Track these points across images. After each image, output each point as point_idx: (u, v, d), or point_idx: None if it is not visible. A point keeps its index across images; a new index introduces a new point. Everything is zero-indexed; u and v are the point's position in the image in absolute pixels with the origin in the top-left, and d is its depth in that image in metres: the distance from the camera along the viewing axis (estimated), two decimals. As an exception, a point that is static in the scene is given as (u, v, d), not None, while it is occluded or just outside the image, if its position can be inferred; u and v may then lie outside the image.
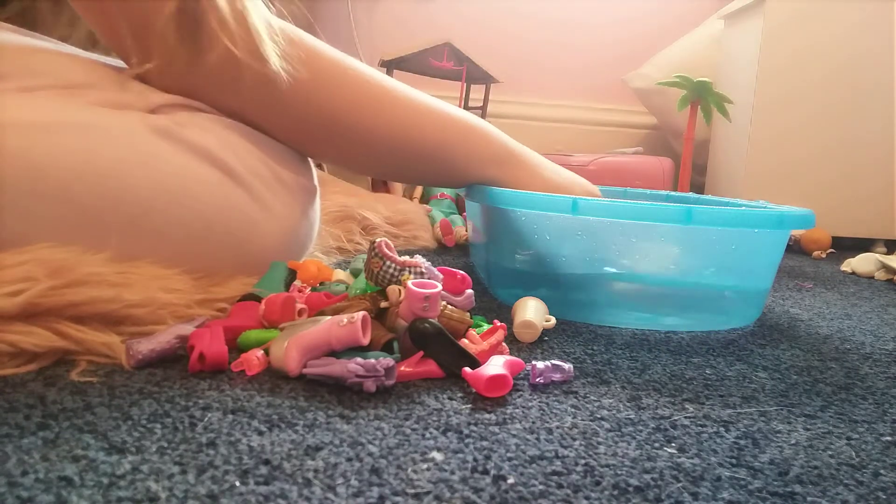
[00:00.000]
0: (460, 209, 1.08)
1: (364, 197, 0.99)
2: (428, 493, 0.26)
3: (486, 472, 0.28)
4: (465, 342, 0.41)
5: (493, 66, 1.45)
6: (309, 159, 0.58)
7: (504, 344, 0.44)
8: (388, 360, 0.36)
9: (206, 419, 0.31)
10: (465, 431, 0.32)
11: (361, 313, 0.38)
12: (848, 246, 1.29)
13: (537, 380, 0.39)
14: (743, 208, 0.56)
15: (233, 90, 0.51)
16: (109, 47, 0.51)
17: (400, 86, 0.58)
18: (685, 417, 0.36)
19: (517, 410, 0.35)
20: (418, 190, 1.21)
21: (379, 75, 0.57)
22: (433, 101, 0.60)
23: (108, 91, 0.47)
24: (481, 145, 0.62)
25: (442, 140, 0.59)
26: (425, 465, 0.28)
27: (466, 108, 1.47)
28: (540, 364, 0.40)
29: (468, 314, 0.45)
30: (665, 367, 0.45)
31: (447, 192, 1.12)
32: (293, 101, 0.52)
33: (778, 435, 0.34)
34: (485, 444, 0.31)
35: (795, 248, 1.20)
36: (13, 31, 0.49)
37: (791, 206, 0.64)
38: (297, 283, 0.52)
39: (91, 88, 0.46)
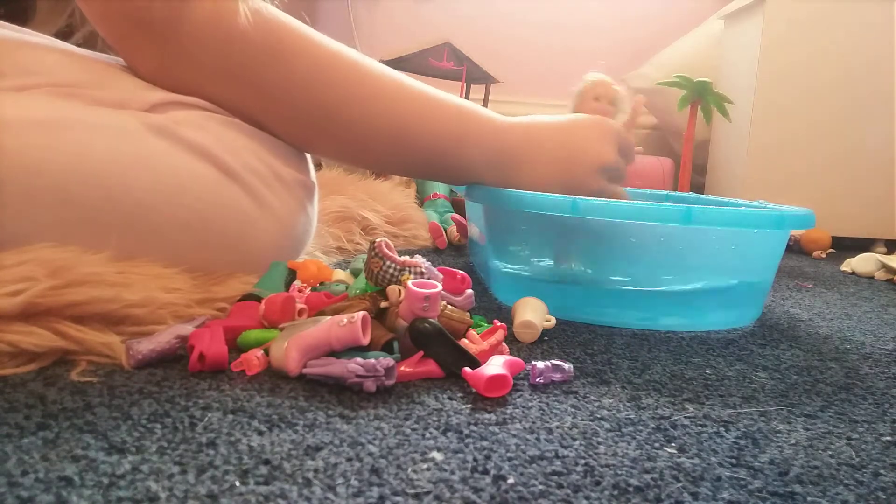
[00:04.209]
0: (457, 208, 1.08)
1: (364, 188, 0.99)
2: (428, 493, 0.26)
3: (486, 472, 0.28)
4: (465, 342, 0.41)
5: (492, 66, 1.45)
6: (307, 156, 0.58)
7: (504, 344, 0.44)
8: (388, 360, 0.36)
9: (206, 419, 0.31)
10: (465, 431, 0.32)
11: (361, 313, 0.38)
12: (848, 246, 1.29)
13: (537, 380, 0.39)
14: (743, 208, 0.56)
15: (222, 60, 0.50)
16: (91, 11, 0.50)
17: (398, 75, 0.57)
18: (685, 417, 0.36)
19: (517, 410, 0.35)
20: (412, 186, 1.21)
21: (374, 64, 0.56)
22: (431, 91, 0.59)
23: (104, 89, 0.47)
24: (481, 141, 0.60)
25: (441, 133, 0.58)
26: (425, 465, 0.28)
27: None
28: (540, 364, 0.40)
29: (468, 314, 0.45)
30: (665, 367, 0.45)
31: (441, 191, 1.12)
32: (284, 78, 0.52)
33: (778, 435, 0.34)
34: (485, 444, 0.31)
35: (795, 248, 1.20)
36: (6, 28, 0.49)
37: (791, 206, 0.64)
38: (297, 283, 0.52)
39: (87, 87, 0.46)
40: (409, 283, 0.41)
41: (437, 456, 0.29)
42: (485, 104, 1.51)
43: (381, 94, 0.55)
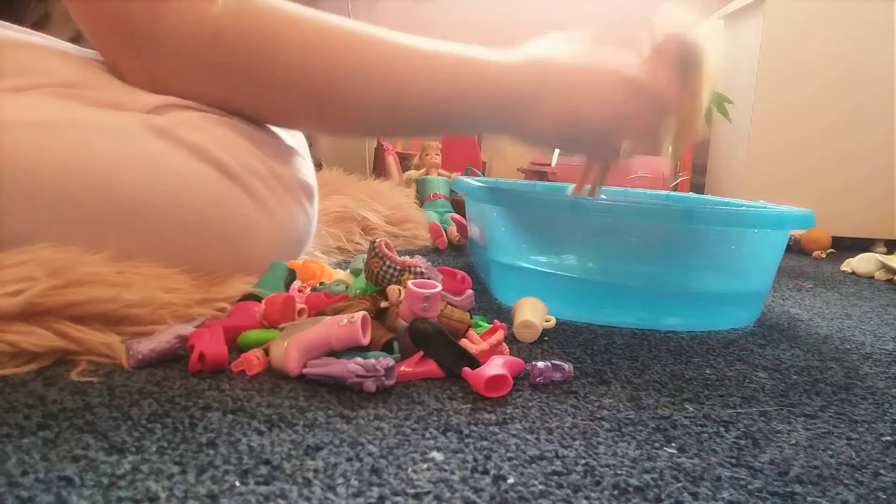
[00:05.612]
0: (457, 208, 1.08)
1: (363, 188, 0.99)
2: (428, 493, 0.26)
3: (486, 472, 0.28)
4: (465, 342, 0.41)
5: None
6: (307, 157, 0.58)
7: (504, 344, 0.44)
8: (388, 360, 0.36)
9: (206, 419, 0.31)
10: (465, 431, 0.32)
11: (361, 313, 0.38)
12: (848, 246, 1.29)
13: (537, 380, 0.39)
14: (743, 208, 0.56)
15: (209, 59, 0.49)
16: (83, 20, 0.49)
17: (389, 35, 0.54)
18: (685, 417, 0.36)
19: (517, 410, 0.35)
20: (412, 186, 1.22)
21: (366, 30, 0.53)
22: (425, 46, 0.54)
23: (105, 91, 0.47)
24: (480, 89, 0.54)
25: (436, 89, 0.54)
26: (425, 465, 0.28)
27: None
28: (540, 364, 0.40)
29: (468, 314, 0.45)
30: (665, 367, 0.45)
31: (441, 191, 1.12)
32: (276, 68, 0.50)
33: (778, 435, 0.34)
34: (485, 444, 0.31)
35: (795, 248, 1.20)
36: (7, 29, 0.49)
37: (791, 206, 0.64)
38: (296, 283, 0.52)
39: (87, 88, 0.46)
40: (409, 283, 0.41)
41: (437, 456, 0.29)
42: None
43: (374, 63, 0.53)
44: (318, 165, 1.26)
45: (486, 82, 0.54)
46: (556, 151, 0.68)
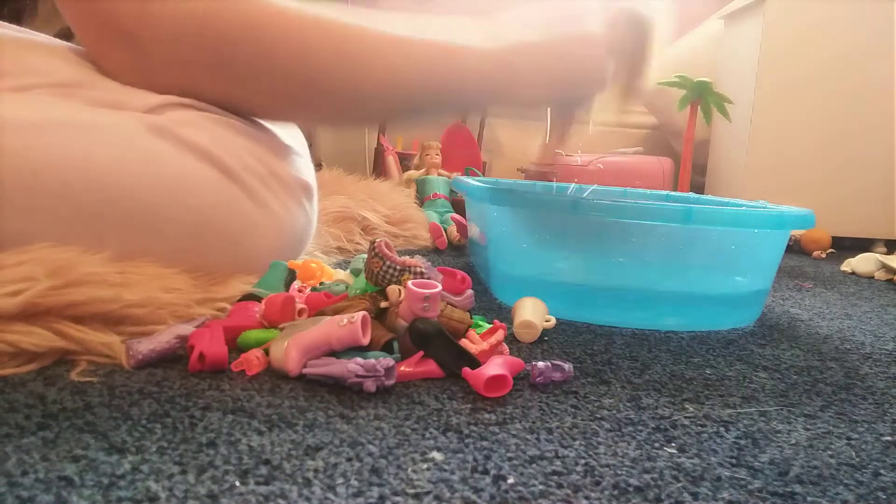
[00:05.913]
0: (457, 208, 1.08)
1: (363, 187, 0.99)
2: (428, 493, 0.26)
3: (486, 472, 0.28)
4: (465, 342, 0.41)
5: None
6: (307, 156, 0.58)
7: (504, 344, 0.44)
8: (388, 360, 0.36)
9: (206, 419, 0.31)
10: (465, 431, 0.32)
11: (361, 313, 0.38)
12: (848, 246, 1.29)
13: (537, 380, 0.39)
14: (743, 208, 0.56)
15: (199, 55, 0.48)
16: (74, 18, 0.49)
17: (376, 26, 0.54)
18: (685, 417, 0.36)
19: (517, 410, 0.35)
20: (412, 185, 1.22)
21: (356, 22, 0.53)
22: (413, 36, 0.55)
23: (105, 90, 0.47)
24: (468, 71, 0.57)
25: (430, 76, 0.56)
26: (425, 465, 0.28)
27: (466, 107, 1.46)
28: (540, 364, 0.40)
29: (468, 314, 0.45)
30: (665, 367, 0.45)
31: (441, 191, 1.12)
32: (266, 64, 0.50)
33: (778, 435, 0.34)
34: (485, 444, 0.31)
35: (795, 248, 1.21)
36: (7, 28, 0.49)
37: (791, 206, 0.64)
38: (296, 283, 0.52)
39: (87, 87, 0.46)
40: (409, 283, 0.41)
41: (437, 456, 0.29)
42: (485, 104, 1.50)
43: (365, 56, 0.52)
44: (318, 165, 1.26)
45: (476, 64, 0.57)
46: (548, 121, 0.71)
